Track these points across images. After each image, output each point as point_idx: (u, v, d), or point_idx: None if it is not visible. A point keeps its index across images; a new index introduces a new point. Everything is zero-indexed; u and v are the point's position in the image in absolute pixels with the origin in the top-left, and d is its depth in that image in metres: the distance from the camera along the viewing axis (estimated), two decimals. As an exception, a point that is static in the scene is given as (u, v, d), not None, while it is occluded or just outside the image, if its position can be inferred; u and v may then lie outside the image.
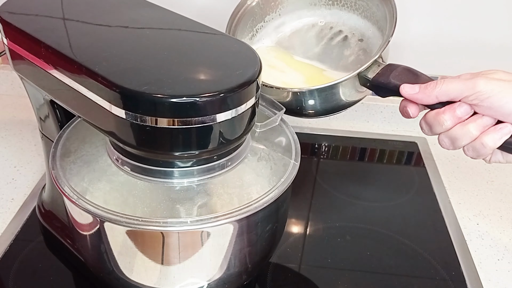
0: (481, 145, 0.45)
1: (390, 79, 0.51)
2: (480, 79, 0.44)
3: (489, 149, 0.45)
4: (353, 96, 0.58)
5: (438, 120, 0.47)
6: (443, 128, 0.46)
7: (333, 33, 0.68)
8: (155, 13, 0.50)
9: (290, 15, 0.71)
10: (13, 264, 0.57)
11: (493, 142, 0.45)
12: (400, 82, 0.50)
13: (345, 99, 0.58)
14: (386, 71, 0.52)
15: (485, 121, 0.45)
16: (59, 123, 0.55)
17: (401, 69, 0.51)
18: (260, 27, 0.70)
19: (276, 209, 0.48)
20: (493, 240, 0.65)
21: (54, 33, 0.45)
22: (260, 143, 0.51)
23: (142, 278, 0.47)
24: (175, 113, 0.38)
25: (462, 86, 0.45)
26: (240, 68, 0.41)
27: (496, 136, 0.45)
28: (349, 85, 0.56)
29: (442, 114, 0.46)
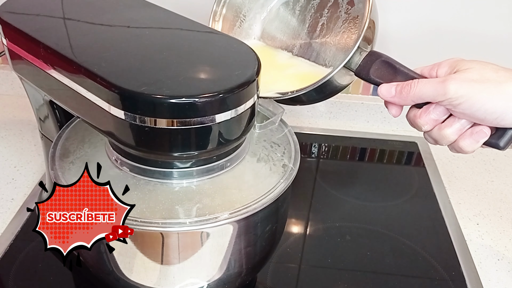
0: (460, 149, 0.45)
1: (370, 76, 0.50)
2: (451, 84, 0.43)
3: (468, 152, 0.45)
4: (347, 80, 0.57)
5: (415, 122, 0.47)
6: (423, 129, 0.47)
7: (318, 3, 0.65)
8: (154, 13, 0.50)
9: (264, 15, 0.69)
10: (13, 264, 0.57)
11: (471, 146, 0.45)
12: (379, 79, 0.49)
13: (338, 84, 0.57)
14: (366, 64, 0.51)
15: (462, 124, 0.45)
16: (58, 124, 0.55)
17: (380, 63, 0.50)
18: (248, 10, 0.67)
19: (276, 210, 0.48)
20: (493, 240, 0.65)
21: (53, 34, 0.45)
22: (260, 143, 0.51)
23: (141, 279, 0.47)
24: (174, 114, 0.38)
25: (434, 92, 0.44)
26: (239, 68, 0.41)
27: (472, 141, 0.45)
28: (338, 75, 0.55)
29: (418, 118, 0.46)
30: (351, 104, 0.88)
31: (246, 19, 0.69)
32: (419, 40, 0.81)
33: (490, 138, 0.45)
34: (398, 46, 0.79)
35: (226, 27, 0.67)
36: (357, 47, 0.51)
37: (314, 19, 0.66)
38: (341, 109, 0.89)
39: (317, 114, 0.89)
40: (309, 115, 0.90)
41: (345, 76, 0.56)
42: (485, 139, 0.44)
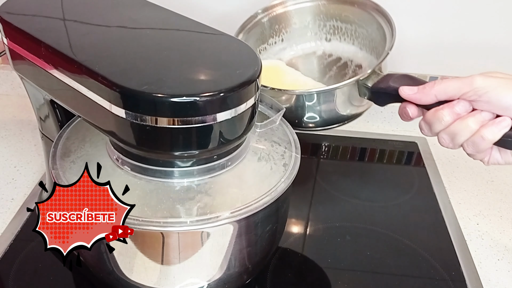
0: (481, 139, 0.45)
1: (389, 83, 0.52)
2: (477, 76, 0.45)
3: (488, 143, 0.46)
4: (351, 108, 0.60)
5: (437, 116, 0.47)
6: (443, 124, 0.47)
7: (332, 60, 0.72)
8: (155, 13, 0.50)
9: (291, 41, 0.74)
10: (13, 264, 0.57)
11: (492, 135, 0.45)
12: (399, 85, 0.51)
13: (342, 111, 0.59)
14: (385, 79, 0.54)
15: (484, 115, 0.46)
16: (59, 123, 0.55)
17: (399, 76, 0.53)
18: (263, 49, 0.72)
19: (276, 209, 0.48)
20: (493, 240, 0.65)
21: (54, 33, 0.45)
22: (260, 143, 0.51)
23: (142, 278, 0.47)
24: (175, 113, 0.38)
25: (459, 84, 0.46)
26: (240, 67, 0.41)
27: (495, 129, 0.45)
28: (347, 93, 0.57)
29: (441, 110, 0.47)
30: (351, 104, 0.88)
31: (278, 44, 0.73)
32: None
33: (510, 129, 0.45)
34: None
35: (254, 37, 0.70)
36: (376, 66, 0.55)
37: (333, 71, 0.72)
38: (341, 109, 0.88)
39: (317, 114, 0.89)
40: (309, 115, 0.90)
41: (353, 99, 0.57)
42: (507, 129, 0.45)
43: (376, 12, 0.66)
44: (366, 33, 0.69)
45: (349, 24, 0.71)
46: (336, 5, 0.71)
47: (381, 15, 0.65)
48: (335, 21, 0.72)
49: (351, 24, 0.71)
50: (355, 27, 0.70)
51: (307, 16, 0.73)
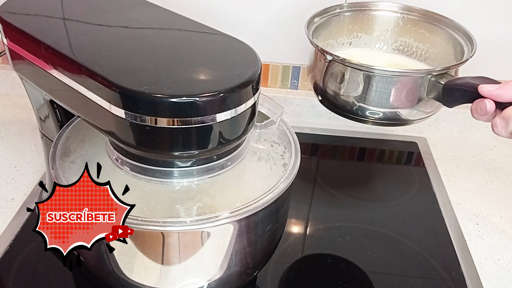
0: None
1: (468, 80, 0.50)
2: None
3: None
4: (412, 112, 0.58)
5: None
6: None
7: None
8: (155, 13, 0.50)
9: (358, 48, 0.72)
10: (13, 264, 0.57)
11: None
12: (478, 81, 0.49)
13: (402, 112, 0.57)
14: (460, 78, 0.52)
15: None
16: (59, 123, 0.55)
17: (475, 76, 0.51)
18: (331, 45, 0.69)
19: (276, 209, 0.48)
20: (493, 240, 0.65)
21: (53, 33, 0.45)
22: (260, 143, 0.51)
23: (142, 278, 0.47)
24: (174, 113, 0.38)
25: None
26: (240, 68, 0.41)
27: None
28: (416, 87, 0.55)
29: None
30: (351, 104, 0.87)
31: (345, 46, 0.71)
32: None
33: None
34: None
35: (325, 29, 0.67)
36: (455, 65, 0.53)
37: None
38: (341, 109, 0.88)
39: (318, 114, 0.89)
40: (309, 115, 0.90)
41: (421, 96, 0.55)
42: None
43: (455, 31, 0.65)
44: (437, 53, 0.67)
45: (422, 44, 0.69)
46: (417, 19, 0.69)
47: (459, 32, 0.64)
48: (409, 37, 0.70)
49: (424, 43, 0.69)
50: (427, 47, 0.68)
51: (386, 26, 0.71)
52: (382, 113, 0.57)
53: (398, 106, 0.57)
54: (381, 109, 0.57)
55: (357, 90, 0.57)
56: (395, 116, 0.58)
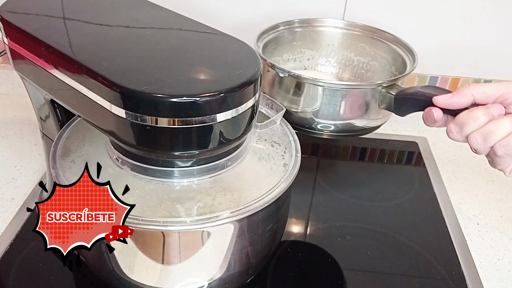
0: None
1: (418, 89, 0.52)
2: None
3: None
4: (366, 121, 0.60)
5: (471, 115, 0.46)
6: (477, 123, 0.46)
7: None
8: (155, 13, 0.50)
9: (303, 63, 0.75)
10: (13, 264, 0.57)
11: None
12: (428, 90, 0.51)
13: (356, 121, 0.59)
14: (410, 87, 0.54)
15: None
16: (59, 123, 0.55)
17: (425, 85, 0.54)
18: (277, 61, 0.72)
19: (277, 209, 0.48)
20: (493, 240, 0.65)
21: (54, 33, 0.45)
22: (260, 143, 0.51)
23: (142, 278, 0.47)
24: (175, 113, 0.38)
25: (497, 86, 0.47)
26: (240, 68, 0.41)
27: None
28: (367, 97, 0.57)
29: (476, 109, 0.47)
30: (351, 104, 0.88)
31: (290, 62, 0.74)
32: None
33: None
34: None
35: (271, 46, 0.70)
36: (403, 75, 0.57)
37: None
38: (341, 109, 0.88)
39: (317, 114, 0.89)
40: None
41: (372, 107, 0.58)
42: None
43: (394, 43, 0.68)
44: (378, 65, 0.71)
45: (363, 57, 0.73)
46: (359, 34, 0.72)
47: (399, 45, 0.67)
48: (350, 52, 0.73)
49: (364, 57, 0.72)
50: (368, 60, 0.72)
51: (331, 41, 0.74)
52: (334, 125, 0.60)
53: (352, 117, 0.60)
54: (334, 121, 0.60)
55: (312, 106, 0.59)
56: (348, 127, 0.61)
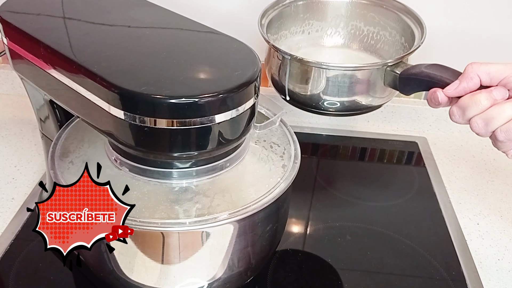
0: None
1: (422, 69, 0.51)
2: None
3: None
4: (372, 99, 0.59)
5: (474, 100, 0.46)
6: (479, 108, 0.46)
7: None
8: (154, 13, 0.50)
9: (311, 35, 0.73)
10: (13, 264, 0.57)
11: None
12: (432, 71, 0.50)
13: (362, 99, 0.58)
14: (416, 66, 0.53)
15: None
16: (59, 123, 0.55)
17: (430, 64, 0.51)
18: (284, 36, 0.71)
19: (276, 209, 0.48)
20: (493, 240, 0.65)
21: (53, 33, 0.45)
22: (260, 144, 0.51)
23: (142, 278, 0.47)
24: (174, 114, 0.38)
25: (502, 67, 0.45)
26: (239, 68, 0.41)
27: None
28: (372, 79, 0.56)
29: (478, 94, 0.46)
30: (352, 103, 0.87)
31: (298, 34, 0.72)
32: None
33: None
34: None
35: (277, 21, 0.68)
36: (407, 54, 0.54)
37: None
38: (341, 109, 0.88)
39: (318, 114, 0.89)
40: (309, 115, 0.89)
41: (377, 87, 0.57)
42: None
43: (404, 13, 0.66)
44: (388, 36, 0.69)
45: (372, 27, 0.71)
46: (366, 3, 0.70)
47: (409, 15, 0.65)
48: (359, 21, 0.71)
49: (374, 27, 0.70)
50: (378, 30, 0.70)
51: (337, 11, 0.72)
52: (340, 103, 0.59)
53: (358, 95, 0.58)
54: (340, 99, 0.59)
55: (317, 86, 0.58)
56: (354, 105, 0.59)
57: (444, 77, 0.49)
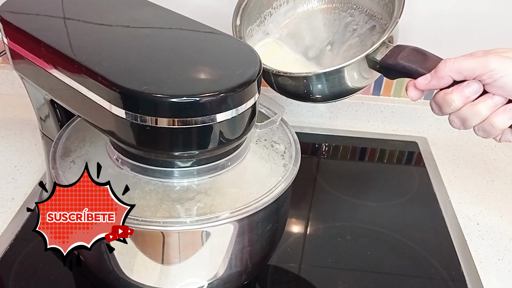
0: (491, 126, 0.44)
1: (398, 60, 0.50)
2: (493, 57, 0.43)
3: (498, 130, 0.44)
4: (361, 81, 0.57)
5: (446, 100, 0.45)
6: (452, 108, 0.45)
7: (342, 17, 0.67)
8: (155, 13, 0.50)
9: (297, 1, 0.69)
10: (13, 264, 0.57)
11: (503, 123, 0.44)
12: (408, 63, 0.49)
13: (352, 84, 0.57)
14: (394, 53, 0.52)
15: (496, 100, 0.44)
16: (59, 123, 0.55)
17: (409, 50, 0.50)
18: (269, 14, 0.68)
19: (277, 209, 0.48)
20: (494, 240, 0.65)
21: (54, 33, 0.45)
22: (260, 143, 0.51)
23: (142, 278, 0.47)
24: (175, 113, 0.38)
25: (474, 64, 0.44)
26: (240, 68, 0.41)
27: (505, 118, 0.44)
28: (356, 68, 0.55)
29: (450, 94, 0.45)
30: (352, 103, 0.88)
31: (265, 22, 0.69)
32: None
33: None
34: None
35: (246, 20, 0.65)
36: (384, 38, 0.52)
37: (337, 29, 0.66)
38: (341, 109, 0.89)
39: (318, 114, 0.89)
40: (309, 114, 0.90)
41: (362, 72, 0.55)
42: None
43: None
44: None
45: None
46: None
47: None
48: None
49: None
50: None
51: None
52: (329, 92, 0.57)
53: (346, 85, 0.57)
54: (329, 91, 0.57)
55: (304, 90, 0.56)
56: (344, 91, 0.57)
57: (419, 70, 0.48)
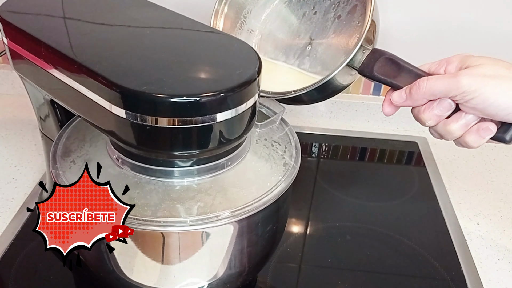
0: (466, 143, 0.45)
1: (374, 73, 0.51)
2: (463, 78, 0.43)
3: (473, 147, 0.45)
4: (348, 79, 0.58)
5: (420, 119, 0.47)
6: (428, 125, 0.47)
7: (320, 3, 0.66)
8: (155, 13, 0.50)
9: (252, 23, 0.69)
10: (13, 264, 0.57)
11: (476, 142, 0.45)
12: (383, 76, 0.50)
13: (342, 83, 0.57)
14: (370, 61, 0.51)
15: (468, 119, 0.45)
16: (59, 123, 0.55)
17: (383, 60, 0.50)
18: (248, 11, 0.67)
19: (277, 209, 0.48)
20: (493, 240, 0.65)
21: (54, 33, 0.45)
22: (260, 142, 0.51)
23: (142, 278, 0.47)
24: (175, 113, 0.38)
25: (446, 86, 0.44)
26: (240, 67, 0.41)
27: (478, 137, 0.45)
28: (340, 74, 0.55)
29: (422, 113, 0.46)
30: (352, 103, 0.88)
31: (247, 21, 0.69)
32: (421, 39, 0.81)
33: (496, 132, 0.45)
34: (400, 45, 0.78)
35: (227, 26, 0.67)
36: (359, 45, 0.52)
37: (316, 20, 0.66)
38: (341, 109, 0.89)
39: (318, 114, 0.89)
40: (309, 114, 0.90)
41: (347, 75, 0.56)
42: (491, 136, 0.44)
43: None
44: None
45: None
46: None
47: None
48: None
49: None
50: None
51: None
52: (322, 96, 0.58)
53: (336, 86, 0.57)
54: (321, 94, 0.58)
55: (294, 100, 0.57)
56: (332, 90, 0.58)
57: (394, 83, 0.49)
